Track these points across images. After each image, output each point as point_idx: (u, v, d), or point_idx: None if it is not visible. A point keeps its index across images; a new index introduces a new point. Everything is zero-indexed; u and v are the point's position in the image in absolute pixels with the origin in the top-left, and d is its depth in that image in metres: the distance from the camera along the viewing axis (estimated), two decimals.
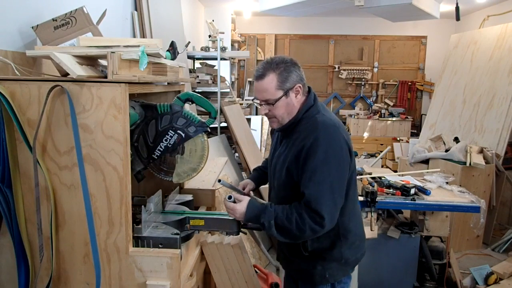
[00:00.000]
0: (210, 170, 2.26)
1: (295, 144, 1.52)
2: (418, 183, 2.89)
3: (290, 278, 1.83)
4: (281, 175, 1.57)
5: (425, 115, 6.01)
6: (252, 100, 1.60)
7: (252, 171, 1.98)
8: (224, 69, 5.39)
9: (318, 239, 1.56)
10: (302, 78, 1.56)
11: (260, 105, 1.57)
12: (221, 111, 3.87)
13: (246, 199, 1.52)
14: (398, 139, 6.50)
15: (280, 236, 1.48)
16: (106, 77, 1.23)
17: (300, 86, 1.54)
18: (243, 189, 1.84)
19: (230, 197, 1.54)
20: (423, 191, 2.75)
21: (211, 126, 1.65)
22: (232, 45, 6.28)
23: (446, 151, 4.02)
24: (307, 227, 1.42)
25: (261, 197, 3.28)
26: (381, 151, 5.82)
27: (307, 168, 1.45)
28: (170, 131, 1.57)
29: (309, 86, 1.62)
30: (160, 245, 1.38)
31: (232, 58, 5.66)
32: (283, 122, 1.57)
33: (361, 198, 2.63)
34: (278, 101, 1.51)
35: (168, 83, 1.69)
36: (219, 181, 1.71)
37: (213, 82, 4.14)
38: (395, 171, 4.21)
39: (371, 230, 2.60)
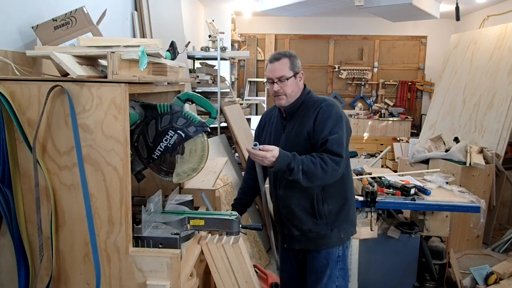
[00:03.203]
0: (210, 170, 2.26)
1: (307, 115, 1.85)
2: (418, 183, 2.89)
3: (293, 257, 2.05)
4: (299, 145, 1.83)
5: (425, 115, 6.01)
6: (264, 83, 1.92)
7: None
8: (224, 69, 5.38)
9: (332, 200, 1.88)
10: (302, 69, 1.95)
11: (272, 83, 1.86)
12: (221, 111, 3.87)
13: (275, 148, 1.71)
14: (398, 139, 6.50)
15: (305, 178, 1.70)
16: (106, 77, 1.23)
17: (302, 73, 1.92)
18: None
19: (256, 145, 1.70)
20: (423, 191, 2.75)
21: (211, 126, 1.65)
22: (232, 45, 6.28)
23: (446, 151, 4.02)
24: (329, 167, 1.70)
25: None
26: (381, 151, 5.83)
27: (327, 125, 1.78)
28: (170, 131, 1.57)
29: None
30: (160, 245, 1.38)
31: (232, 58, 5.66)
32: (291, 100, 1.88)
33: (361, 198, 2.63)
34: (290, 79, 1.85)
35: (168, 83, 1.69)
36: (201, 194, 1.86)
37: (213, 82, 4.14)
38: (395, 171, 4.21)
39: (371, 230, 2.61)
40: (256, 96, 7.29)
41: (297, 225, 1.91)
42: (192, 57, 4.61)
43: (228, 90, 4.52)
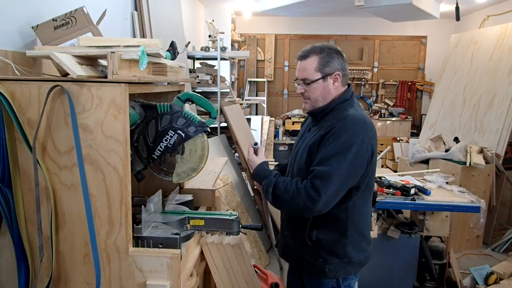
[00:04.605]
0: (210, 170, 2.25)
1: (322, 128, 1.57)
2: (418, 183, 2.89)
3: (293, 270, 1.87)
4: (303, 157, 1.62)
5: (425, 115, 6.01)
6: (294, 80, 1.70)
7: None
8: (224, 69, 5.39)
9: (325, 230, 1.61)
10: (343, 67, 1.62)
11: (298, 84, 1.65)
12: (221, 111, 3.88)
13: (261, 159, 1.66)
14: (398, 139, 6.50)
15: (274, 203, 1.58)
16: (106, 77, 1.23)
17: (339, 74, 1.60)
18: None
19: (256, 144, 1.68)
20: (423, 191, 2.75)
21: (211, 126, 1.65)
22: (232, 45, 6.28)
23: (446, 151, 4.02)
24: (301, 201, 1.48)
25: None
26: (381, 151, 5.82)
27: (327, 150, 1.50)
28: (170, 131, 1.57)
29: (349, 82, 1.68)
30: (160, 245, 1.38)
31: (232, 58, 5.66)
32: (316, 105, 1.63)
33: None
34: (315, 83, 1.58)
35: (168, 83, 1.69)
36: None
37: (213, 82, 4.14)
38: (395, 171, 4.21)
39: (371, 230, 2.60)
40: (256, 96, 7.29)
41: (285, 236, 1.77)
42: (192, 57, 4.61)
43: (228, 90, 4.52)
